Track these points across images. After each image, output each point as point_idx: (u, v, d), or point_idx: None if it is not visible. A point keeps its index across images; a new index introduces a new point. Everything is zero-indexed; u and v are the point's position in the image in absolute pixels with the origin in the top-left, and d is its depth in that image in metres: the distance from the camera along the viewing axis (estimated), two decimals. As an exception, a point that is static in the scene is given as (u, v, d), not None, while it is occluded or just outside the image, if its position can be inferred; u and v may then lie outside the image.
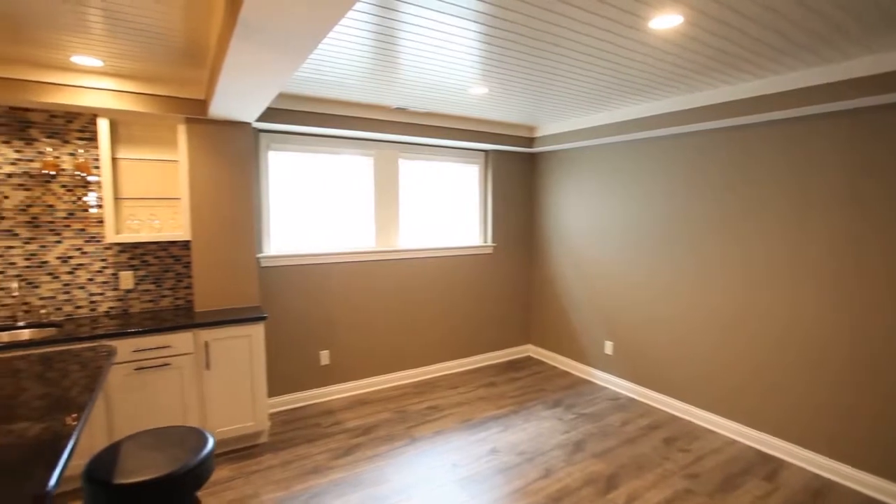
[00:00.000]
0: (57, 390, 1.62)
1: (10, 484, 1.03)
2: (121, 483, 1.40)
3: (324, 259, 3.97)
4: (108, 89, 2.87)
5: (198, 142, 3.21)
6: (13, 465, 1.13)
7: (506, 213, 5.03)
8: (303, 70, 2.80)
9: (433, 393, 4.23)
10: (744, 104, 3.02)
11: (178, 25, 2.12)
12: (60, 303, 3.08)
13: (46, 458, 1.17)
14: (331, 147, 4.01)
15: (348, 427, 3.56)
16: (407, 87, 3.16)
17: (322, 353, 4.04)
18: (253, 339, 3.12)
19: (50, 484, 0.98)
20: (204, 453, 1.56)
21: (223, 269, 3.34)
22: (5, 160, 2.90)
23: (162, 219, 3.27)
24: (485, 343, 5.01)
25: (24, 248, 2.97)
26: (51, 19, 2.05)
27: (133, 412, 2.81)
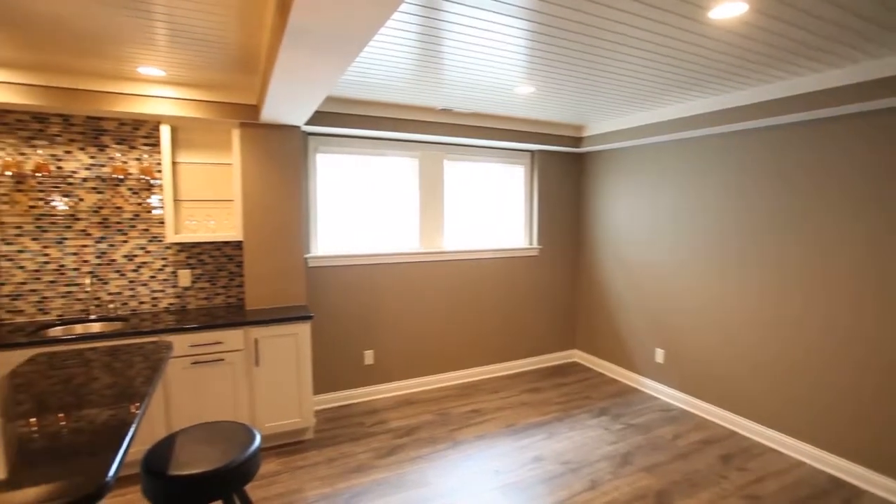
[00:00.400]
0: (123, 380, 1.72)
1: (78, 469, 1.09)
2: (174, 475, 1.46)
3: (369, 260, 4.03)
4: (169, 97, 3.03)
5: (250, 145, 3.33)
6: (84, 449, 1.20)
7: (552, 214, 4.91)
8: (349, 73, 2.84)
9: (476, 396, 4.20)
10: (807, 99, 2.80)
11: (232, 34, 2.20)
12: (126, 298, 3.28)
13: (112, 444, 1.23)
14: (376, 149, 4.06)
15: (391, 427, 3.58)
16: (452, 87, 3.14)
17: (366, 353, 4.09)
18: (300, 337, 3.20)
19: (109, 475, 1.03)
20: (251, 450, 1.60)
21: (273, 269, 3.45)
22: (81, 165, 3.12)
23: (217, 220, 3.42)
24: (529, 347, 4.92)
25: (95, 247, 3.19)
26: (121, 34, 2.17)
27: (189, 404, 2.95)
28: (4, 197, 2.97)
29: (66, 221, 3.11)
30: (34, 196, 3.03)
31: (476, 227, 4.63)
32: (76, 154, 3.11)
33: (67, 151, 3.09)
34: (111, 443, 1.24)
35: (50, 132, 3.05)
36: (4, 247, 3.00)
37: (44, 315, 3.10)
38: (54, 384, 1.69)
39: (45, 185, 3.05)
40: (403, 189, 4.23)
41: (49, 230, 3.08)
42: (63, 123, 3.07)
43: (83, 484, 1.01)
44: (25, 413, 1.45)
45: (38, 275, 3.07)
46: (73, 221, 3.13)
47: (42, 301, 3.09)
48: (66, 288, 3.14)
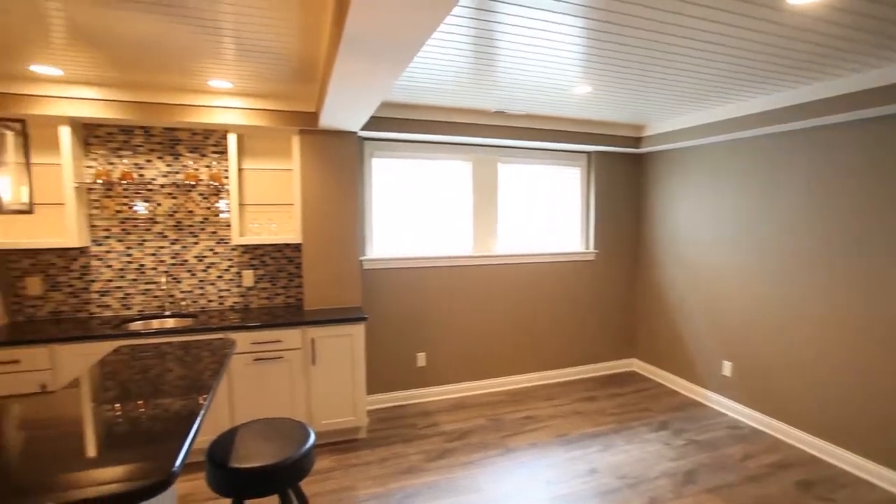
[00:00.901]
0: (193, 373, 1.83)
1: (153, 454, 1.17)
2: (235, 467, 1.53)
3: (422, 263, 4.06)
4: (236, 108, 3.21)
5: (309, 151, 3.46)
6: (159, 435, 1.28)
7: (609, 217, 4.74)
8: (403, 78, 2.88)
9: (529, 403, 4.12)
10: (889, 92, 2.51)
11: (293, 46, 2.30)
12: (196, 296, 3.50)
13: (181, 433, 1.31)
14: (430, 153, 4.09)
15: (443, 430, 3.58)
16: (506, 89, 3.11)
17: (419, 355, 4.13)
18: (354, 338, 3.27)
19: (176, 465, 1.09)
20: (305, 448, 1.65)
21: (329, 271, 3.55)
22: (159, 173, 3.37)
23: (278, 223, 3.58)
24: (584, 354, 4.77)
25: (170, 248, 3.43)
26: (195, 50, 2.33)
27: (250, 398, 3.10)
28: (96, 202, 3.27)
29: (145, 224, 3.38)
30: (120, 201, 3.31)
31: (530, 230, 4.55)
32: (155, 162, 3.36)
33: (148, 160, 3.35)
34: (182, 431, 1.32)
35: (134, 143, 3.31)
36: (95, 247, 3.29)
37: (127, 310, 3.38)
38: (135, 373, 1.83)
39: (129, 192, 3.33)
40: (457, 192, 4.24)
41: (132, 232, 3.35)
42: (145, 135, 3.33)
43: (154, 471, 1.08)
44: (111, 398, 1.58)
45: (123, 273, 3.35)
46: (151, 224, 3.39)
47: (125, 297, 3.37)
48: (146, 286, 3.40)
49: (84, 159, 3.22)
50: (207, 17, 1.96)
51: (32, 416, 1.47)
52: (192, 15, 1.93)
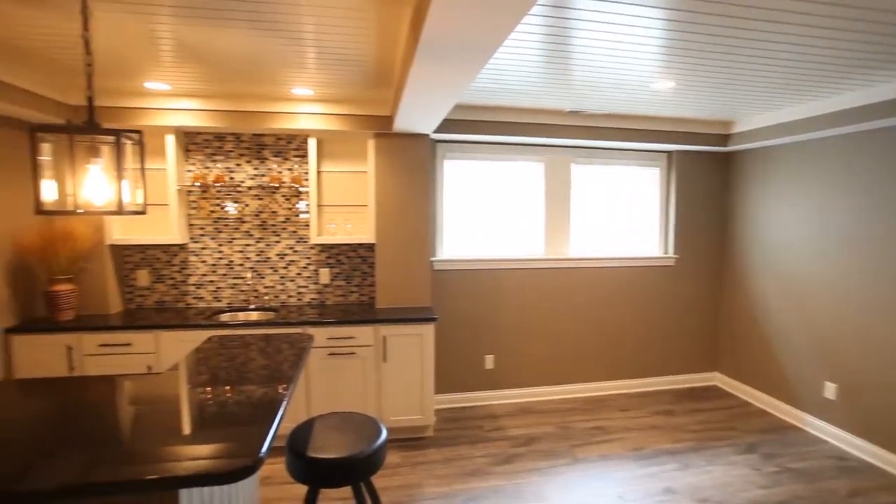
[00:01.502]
0: (273, 363, 1.95)
1: (240, 437, 1.26)
2: (312, 456, 1.60)
3: (493, 265, 4.04)
4: (316, 113, 3.38)
5: (383, 154, 3.56)
6: (244, 419, 1.38)
7: (691, 220, 4.44)
8: (476, 80, 2.88)
9: (600, 412, 3.96)
10: None
11: (370, 52, 2.37)
12: (277, 292, 3.73)
13: (266, 419, 1.39)
14: (502, 154, 4.07)
15: (509, 435, 3.54)
16: (582, 87, 3.01)
17: (487, 358, 4.11)
18: (424, 337, 3.32)
19: (262, 451, 1.17)
20: (378, 443, 1.69)
21: (401, 271, 3.64)
22: (247, 176, 3.63)
23: (353, 223, 3.72)
24: (662, 365, 4.50)
25: (255, 246, 3.68)
26: (281, 60, 2.48)
27: (325, 391, 3.24)
28: (193, 203, 3.59)
29: (234, 224, 3.65)
30: (213, 202, 3.61)
31: (605, 233, 4.38)
32: (244, 166, 3.63)
33: (238, 164, 3.62)
34: (265, 417, 1.40)
35: (226, 149, 3.60)
36: (192, 244, 3.61)
37: (217, 302, 3.67)
38: (223, 361, 1.98)
39: (221, 194, 3.61)
40: (528, 194, 4.17)
41: (223, 231, 3.64)
42: (235, 141, 3.60)
43: (241, 456, 1.15)
44: (203, 382, 1.72)
45: (215, 268, 3.65)
46: (239, 224, 3.65)
47: (216, 290, 3.66)
48: (234, 280, 3.67)
49: (184, 164, 3.54)
50: (294, 29, 2.08)
51: (140, 394, 1.64)
52: (280, 28, 2.06)
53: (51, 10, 1.89)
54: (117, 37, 2.16)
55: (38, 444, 1.25)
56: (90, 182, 1.37)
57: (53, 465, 1.13)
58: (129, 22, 1.99)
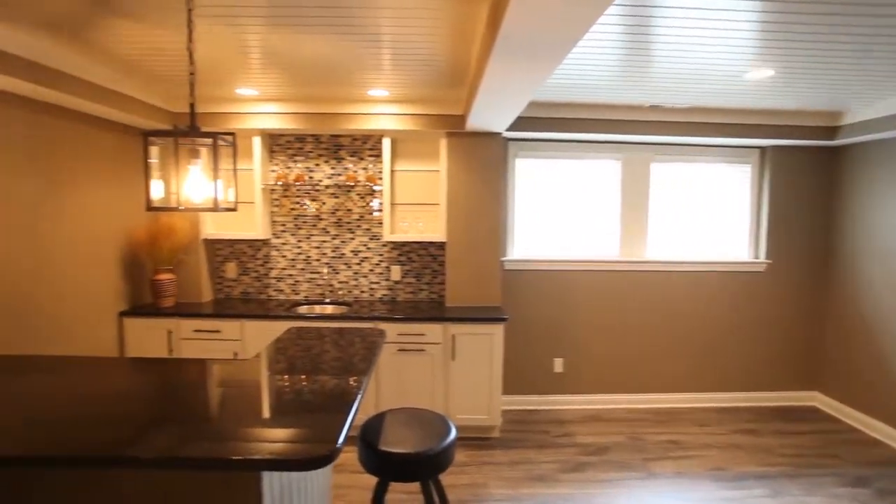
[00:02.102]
0: (346, 356, 2.01)
1: (315, 424, 1.31)
2: (383, 450, 1.64)
3: (564, 266, 3.93)
4: (391, 114, 3.46)
5: (456, 153, 3.57)
6: (318, 408, 1.44)
7: (787, 222, 4.05)
8: (551, 76, 2.81)
9: (676, 426, 3.72)
10: None
11: (444, 52, 2.38)
12: (350, 287, 3.87)
13: (340, 409, 1.44)
14: (576, 152, 3.94)
15: (578, 442, 3.43)
16: (664, 80, 2.84)
17: (556, 361, 4.01)
18: (494, 337, 3.30)
19: (339, 442, 1.21)
20: (448, 441, 1.70)
21: (471, 269, 3.64)
22: (325, 175, 3.80)
23: (425, 222, 3.77)
24: (749, 380, 4.15)
25: (331, 243, 3.84)
26: (359, 63, 2.56)
27: (394, 386, 3.32)
28: (276, 201, 3.81)
29: (312, 221, 3.83)
30: (293, 200, 3.81)
31: (687, 235, 4.10)
32: (322, 166, 3.80)
33: (316, 164, 3.80)
34: (341, 408, 1.44)
35: (306, 149, 3.79)
36: (274, 240, 3.85)
37: (295, 295, 3.88)
38: (300, 351, 2.08)
39: (301, 192, 3.81)
40: (603, 193, 4.01)
41: (302, 228, 3.84)
42: (314, 142, 3.78)
43: (318, 446, 1.20)
44: (281, 370, 1.82)
45: (294, 263, 3.86)
46: (317, 221, 3.83)
47: (295, 284, 3.87)
48: (310, 275, 3.86)
49: (269, 164, 3.78)
50: (371, 32, 2.13)
51: (227, 378, 1.76)
52: (359, 31, 2.12)
53: (158, 26, 2.08)
54: (214, 47, 2.34)
55: (141, 416, 1.38)
56: (191, 181, 1.49)
57: (152, 436, 1.24)
58: (226, 33, 2.15)
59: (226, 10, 1.90)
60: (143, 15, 1.97)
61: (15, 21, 2.08)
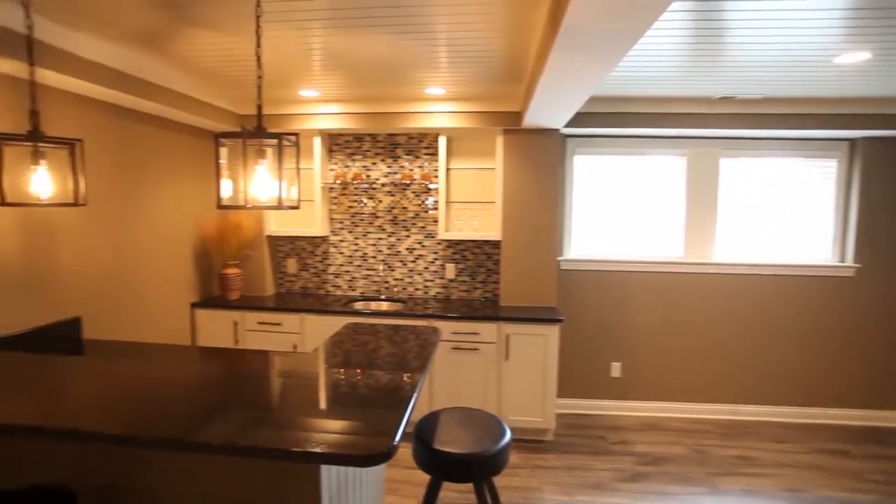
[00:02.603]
0: (400, 353, 2.03)
1: (370, 418, 1.33)
2: (438, 449, 1.63)
3: (624, 266, 3.78)
4: (447, 112, 3.46)
5: (512, 150, 3.52)
6: (372, 402, 1.46)
7: (881, 222, 3.66)
8: (613, 70, 2.69)
9: (745, 440, 3.48)
10: None
11: (501, 48, 2.34)
12: (405, 284, 3.92)
13: (396, 405, 1.45)
14: (638, 148, 3.77)
15: (635, 451, 3.28)
16: (738, 70, 2.64)
17: (613, 365, 3.86)
18: (548, 338, 3.22)
19: (395, 440, 1.22)
20: (503, 444, 1.67)
21: (527, 269, 3.58)
22: (382, 174, 3.87)
23: (480, 220, 3.75)
24: (833, 394, 3.80)
25: (387, 240, 3.90)
26: (416, 62, 2.57)
27: (447, 384, 3.32)
28: (334, 199, 3.92)
29: (369, 218, 3.91)
30: (351, 198, 3.91)
31: (761, 236, 3.82)
32: (379, 165, 3.86)
33: (373, 163, 3.87)
34: (395, 404, 1.45)
35: (363, 148, 3.87)
36: (332, 237, 3.96)
37: (352, 291, 3.98)
38: (355, 346, 2.12)
39: (358, 190, 3.90)
40: (667, 190, 3.81)
41: (359, 225, 3.93)
42: (371, 141, 3.86)
43: (377, 442, 1.21)
44: (337, 364, 1.86)
45: (351, 260, 3.96)
46: (373, 219, 3.91)
47: (351, 280, 3.97)
48: (367, 272, 3.94)
49: (328, 164, 3.89)
50: (429, 30, 2.13)
51: (287, 369, 1.82)
52: (417, 30, 2.13)
53: (229, 34, 2.19)
54: (280, 51, 2.43)
55: (211, 402, 1.45)
56: (257, 180, 1.56)
57: (220, 423, 1.30)
58: (291, 37, 2.22)
59: (291, 14, 1.97)
60: (216, 24, 2.08)
61: (108, 36, 2.26)
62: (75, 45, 2.26)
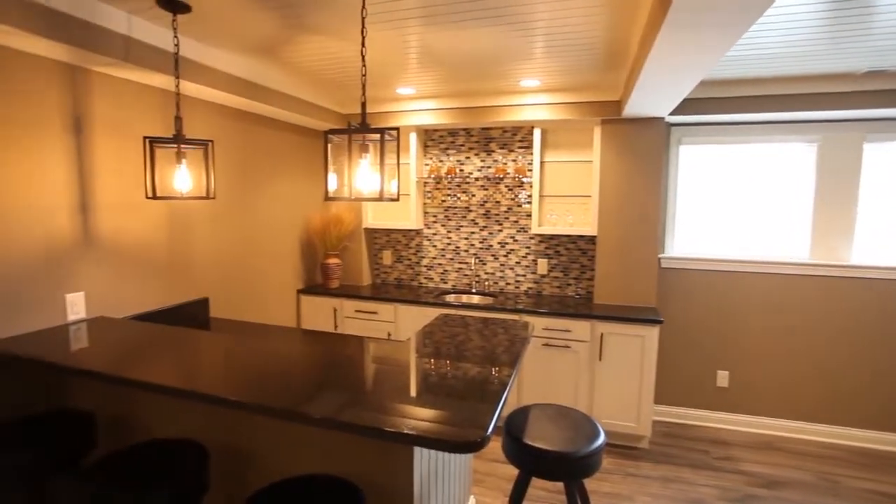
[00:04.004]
0: (489, 346, 2.04)
1: (459, 409, 1.35)
2: (529, 444, 1.62)
3: (735, 266, 3.44)
4: (542, 103, 3.38)
5: (610, 141, 3.35)
6: (459, 394, 1.47)
7: None
8: (731, 48, 2.44)
9: (888, 474, 3.00)
10: None
11: (601, 34, 2.23)
12: (496, 279, 3.92)
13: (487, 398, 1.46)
14: (756, 135, 3.40)
15: (744, 469, 2.99)
16: (889, 36, 2.26)
17: (720, 374, 3.54)
18: (647, 340, 3.04)
19: (488, 431, 1.23)
20: (597, 445, 1.61)
21: (624, 266, 3.40)
22: (475, 168, 3.89)
23: (574, 214, 3.63)
24: None
25: (479, 234, 3.93)
26: (512, 54, 2.55)
27: (536, 381, 3.27)
28: (428, 193, 4.03)
29: (462, 213, 3.96)
30: (445, 192, 3.98)
31: (912, 235, 3.26)
32: (472, 159, 3.89)
33: (467, 157, 3.90)
34: (487, 396, 1.45)
35: (457, 143, 3.92)
36: (426, 230, 4.07)
37: (444, 284, 4.06)
38: (445, 337, 2.16)
39: (452, 185, 3.96)
40: (790, 182, 3.39)
41: (452, 219, 3.99)
42: (465, 135, 3.89)
43: (471, 431, 1.23)
44: (427, 354, 1.91)
45: (443, 253, 4.04)
46: (466, 213, 3.95)
47: (444, 273, 4.05)
48: (458, 265, 4.00)
49: (423, 158, 4.00)
50: (525, 20, 2.09)
51: (381, 355, 1.91)
52: (513, 21, 2.10)
53: (335, 37, 2.33)
54: (379, 51, 2.54)
55: (312, 380, 1.57)
56: (360, 174, 1.64)
57: (320, 398, 1.41)
58: (390, 37, 2.31)
59: (390, 14, 2.04)
60: (323, 28, 2.22)
61: (234, 49, 2.52)
62: (210, 58, 2.55)
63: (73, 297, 2.17)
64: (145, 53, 2.20)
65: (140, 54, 2.18)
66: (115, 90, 2.31)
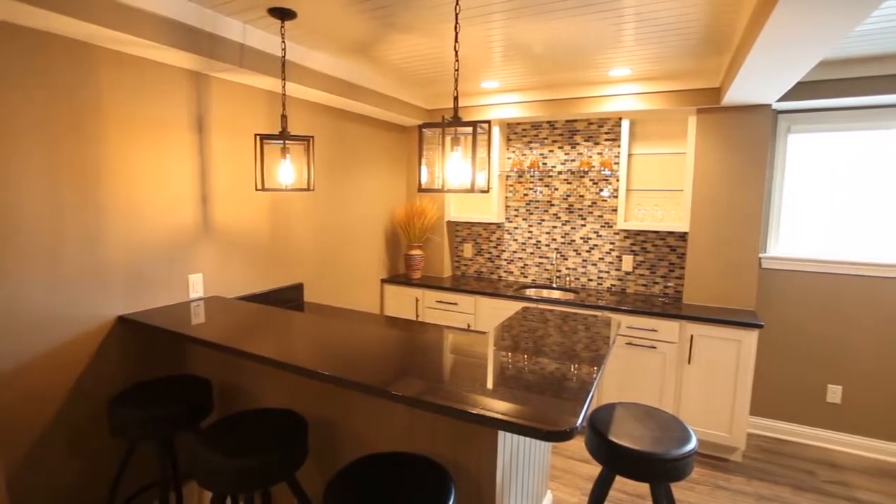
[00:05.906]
0: (567, 342, 2.01)
1: (539, 401, 1.36)
2: (614, 441, 1.59)
3: (848, 269, 3.08)
4: (632, 93, 3.24)
5: (707, 132, 3.14)
6: (537, 388, 1.48)
7: None
8: (862, 21, 2.18)
9: None
10: None
11: (699, 17, 2.09)
12: (578, 274, 3.83)
13: (580, 390, 1.45)
14: (881, 121, 3.00)
15: (857, 497, 2.69)
16: None
17: (830, 388, 3.20)
18: (743, 345, 2.83)
19: (578, 423, 1.22)
20: (688, 449, 1.54)
21: (718, 265, 3.17)
22: (558, 161, 3.82)
23: (663, 209, 3.45)
24: None
25: (562, 229, 3.86)
26: (600, 42, 2.47)
27: (618, 380, 3.17)
28: (510, 187, 4.02)
29: (544, 206, 3.91)
30: (527, 186, 3.96)
31: None
32: (556, 152, 3.82)
33: (550, 150, 3.84)
34: (580, 389, 1.44)
35: (540, 136, 3.87)
36: (507, 224, 4.07)
37: (523, 277, 4.05)
38: (523, 331, 2.16)
39: (534, 178, 3.92)
40: (928, 176, 2.96)
41: (533, 213, 3.96)
42: (549, 128, 3.83)
43: (561, 419, 1.24)
44: (505, 347, 1.92)
45: (524, 247, 4.02)
46: (548, 206, 3.89)
47: (524, 267, 4.03)
48: (539, 259, 3.96)
49: (506, 152, 3.99)
50: (615, 7, 2.02)
51: (459, 345, 1.95)
52: (601, 8, 2.03)
53: (425, 35, 2.40)
54: (465, 46, 2.57)
55: (398, 362, 1.65)
56: (451, 166, 1.70)
57: (405, 379, 1.48)
58: (477, 32, 2.34)
59: (482, 9, 2.07)
60: (417, 26, 2.30)
61: (332, 51, 2.69)
62: (310, 60, 2.75)
63: (194, 277, 2.45)
64: (256, 58, 2.42)
65: (252, 59, 2.40)
66: (227, 92, 2.56)
